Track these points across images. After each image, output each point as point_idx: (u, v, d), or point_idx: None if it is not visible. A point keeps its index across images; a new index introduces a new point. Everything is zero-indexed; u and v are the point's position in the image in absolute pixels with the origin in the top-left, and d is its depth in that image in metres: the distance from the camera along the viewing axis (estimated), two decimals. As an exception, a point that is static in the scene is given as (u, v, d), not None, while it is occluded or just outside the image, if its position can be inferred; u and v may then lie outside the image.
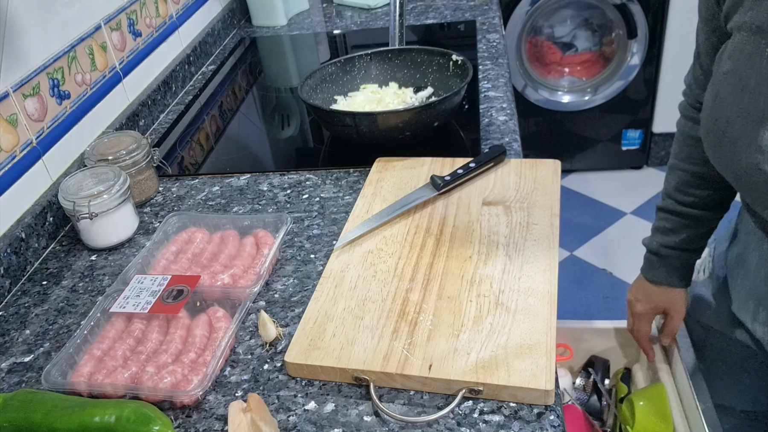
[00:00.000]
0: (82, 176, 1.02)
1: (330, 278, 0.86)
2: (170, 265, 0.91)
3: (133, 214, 1.04)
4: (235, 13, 1.86)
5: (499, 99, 1.27)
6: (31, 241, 1.00)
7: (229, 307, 0.83)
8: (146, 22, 1.40)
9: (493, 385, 0.68)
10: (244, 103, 1.46)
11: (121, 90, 1.29)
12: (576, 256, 2.38)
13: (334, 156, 1.20)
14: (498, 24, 1.63)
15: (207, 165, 1.22)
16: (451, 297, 0.80)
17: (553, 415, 0.67)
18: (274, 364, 0.78)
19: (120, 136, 1.12)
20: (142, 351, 0.78)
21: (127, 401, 0.70)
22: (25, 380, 0.80)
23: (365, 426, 0.69)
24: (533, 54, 2.60)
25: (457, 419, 0.68)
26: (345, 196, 1.05)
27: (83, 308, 0.91)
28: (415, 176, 1.04)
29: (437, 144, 1.15)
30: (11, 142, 1.00)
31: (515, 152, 1.09)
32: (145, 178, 1.10)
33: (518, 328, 0.74)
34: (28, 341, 0.86)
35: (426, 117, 1.09)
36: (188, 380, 0.73)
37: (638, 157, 2.74)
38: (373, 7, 1.86)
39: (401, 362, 0.72)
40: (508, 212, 0.93)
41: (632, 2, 2.37)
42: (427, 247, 0.88)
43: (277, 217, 0.96)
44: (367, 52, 1.30)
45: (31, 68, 1.04)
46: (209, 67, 1.63)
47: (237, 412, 0.68)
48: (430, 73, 1.28)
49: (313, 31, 1.79)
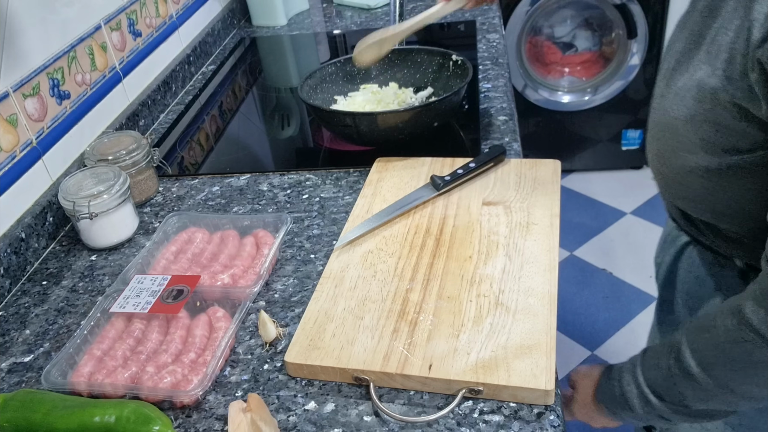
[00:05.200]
0: (82, 176, 1.02)
1: (330, 278, 0.86)
2: (170, 265, 0.91)
3: (133, 214, 1.04)
4: (235, 13, 1.86)
5: (499, 99, 1.27)
6: (31, 241, 1.00)
7: (229, 307, 0.83)
8: (146, 22, 1.40)
9: (493, 385, 0.68)
10: (244, 103, 1.46)
11: (121, 90, 1.29)
12: (576, 256, 2.38)
13: (334, 156, 1.20)
14: (498, 24, 1.63)
15: (207, 165, 1.22)
16: (451, 297, 0.80)
17: (553, 415, 0.67)
18: (274, 364, 0.78)
19: (120, 136, 1.12)
20: (142, 351, 0.78)
21: (127, 401, 0.70)
22: (25, 380, 0.80)
23: (365, 426, 0.69)
24: (533, 54, 2.60)
25: (457, 419, 0.68)
26: (345, 196, 1.05)
27: (83, 308, 0.91)
28: (415, 176, 1.04)
29: (437, 144, 1.15)
30: (11, 142, 1.00)
31: (515, 152, 1.09)
32: (145, 178, 1.10)
33: (518, 328, 0.74)
34: (28, 341, 0.86)
35: (426, 117, 1.09)
36: (188, 380, 0.73)
37: (638, 157, 2.74)
38: (373, 7, 1.86)
39: (401, 362, 0.72)
40: (508, 212, 0.93)
41: (632, 2, 2.37)
42: (427, 247, 0.88)
43: (277, 217, 0.96)
44: None
45: (31, 68, 1.04)
46: (209, 67, 1.63)
47: (237, 412, 0.68)
48: (430, 73, 1.28)
49: (313, 31, 1.79)
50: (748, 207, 0.69)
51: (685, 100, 0.67)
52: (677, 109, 0.68)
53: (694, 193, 0.74)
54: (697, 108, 0.66)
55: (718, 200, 0.71)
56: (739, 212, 0.70)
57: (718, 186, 0.69)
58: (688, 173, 0.71)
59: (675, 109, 0.69)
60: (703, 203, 0.73)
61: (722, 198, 0.70)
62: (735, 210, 0.71)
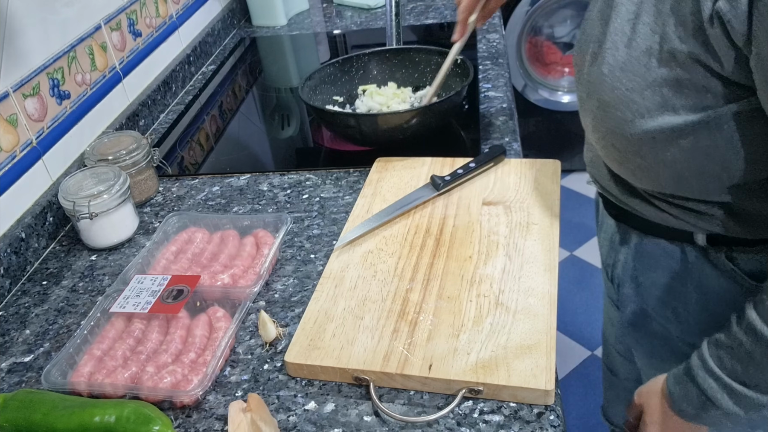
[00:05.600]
0: (82, 176, 1.02)
1: (330, 278, 0.86)
2: (170, 265, 0.91)
3: (133, 214, 1.04)
4: (235, 13, 1.86)
5: (499, 99, 1.27)
6: (31, 241, 1.00)
7: (229, 307, 0.83)
8: (146, 22, 1.40)
9: (493, 385, 0.68)
10: (244, 103, 1.46)
11: (121, 90, 1.29)
12: (576, 256, 2.38)
13: (334, 156, 1.20)
14: (498, 24, 1.63)
15: (207, 165, 1.22)
16: (451, 297, 0.80)
17: (553, 415, 0.67)
18: (274, 364, 0.78)
19: (120, 136, 1.12)
20: (142, 351, 0.78)
21: (127, 401, 0.70)
22: (25, 380, 0.80)
23: (365, 426, 0.69)
24: (533, 54, 2.60)
25: (457, 419, 0.68)
26: (345, 196, 1.05)
27: (83, 308, 0.91)
28: (415, 176, 1.04)
29: (437, 144, 1.15)
30: (11, 142, 1.00)
31: (515, 152, 1.09)
32: (145, 178, 1.10)
33: (518, 328, 0.74)
34: (28, 341, 0.86)
35: (429, 118, 1.10)
36: (188, 380, 0.73)
37: (638, 157, 2.74)
38: (373, 7, 1.86)
39: (401, 362, 0.72)
40: (508, 212, 0.93)
41: (632, 2, 2.36)
42: (427, 247, 0.88)
43: (277, 217, 0.96)
44: (365, 52, 1.31)
45: (31, 68, 1.04)
46: (209, 67, 1.63)
47: (237, 412, 0.68)
48: (428, 72, 1.28)
49: (313, 31, 1.79)
50: (711, 168, 0.68)
51: (637, 69, 0.67)
52: (628, 82, 0.68)
53: (656, 162, 0.71)
54: (653, 74, 0.66)
55: (682, 164, 0.69)
56: (704, 174, 0.69)
57: (683, 147, 0.68)
58: (651, 140, 0.69)
59: (626, 83, 0.68)
60: (667, 170, 0.71)
61: (686, 160, 0.69)
62: (699, 172, 0.69)
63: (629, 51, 0.68)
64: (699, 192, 0.71)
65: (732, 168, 0.67)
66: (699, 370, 0.70)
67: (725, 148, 0.66)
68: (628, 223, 0.85)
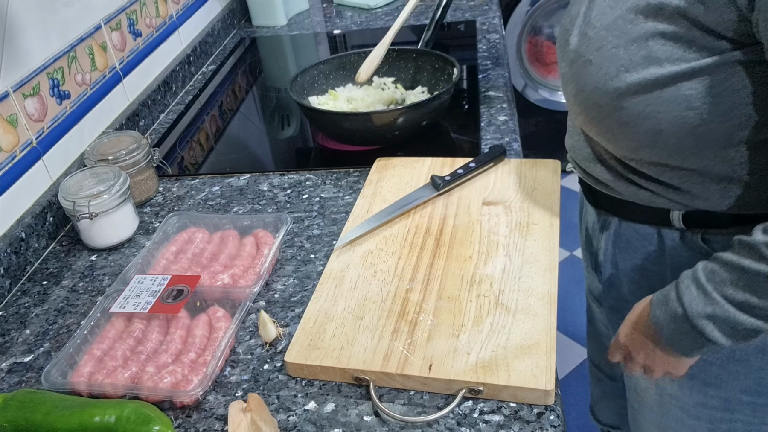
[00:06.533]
0: (82, 176, 1.02)
1: (330, 278, 0.86)
2: (170, 265, 0.91)
3: (133, 214, 1.04)
4: (235, 13, 1.86)
5: (499, 99, 1.27)
6: (31, 241, 1.00)
7: (229, 307, 0.83)
8: (146, 22, 1.40)
9: (493, 385, 0.68)
10: (244, 103, 1.46)
11: (121, 90, 1.29)
12: (576, 256, 2.38)
13: (334, 156, 1.20)
14: (498, 24, 1.63)
15: (207, 165, 1.22)
16: (451, 297, 0.80)
17: (553, 415, 0.67)
18: (274, 364, 0.78)
19: (120, 136, 1.12)
20: (142, 351, 0.78)
21: (127, 401, 0.70)
22: (25, 380, 0.80)
23: (365, 426, 0.69)
24: (533, 54, 2.60)
25: (457, 419, 0.68)
26: (345, 196, 1.05)
27: (83, 308, 0.91)
28: (415, 176, 1.04)
29: (437, 144, 1.15)
30: (11, 142, 1.00)
31: (515, 152, 1.09)
32: (145, 178, 1.10)
33: (518, 328, 0.74)
34: (28, 341, 0.86)
35: (416, 116, 1.11)
36: (188, 380, 0.73)
37: (638, 157, 2.74)
38: (373, 7, 1.86)
39: (401, 362, 0.72)
40: (508, 212, 0.93)
41: (632, 2, 2.37)
42: (427, 247, 0.88)
43: (277, 217, 0.96)
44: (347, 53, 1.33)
45: (31, 68, 1.04)
46: (209, 67, 1.63)
47: (237, 412, 0.68)
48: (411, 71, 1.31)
49: (313, 31, 1.79)
50: (688, 119, 0.68)
51: (623, 26, 0.69)
52: (614, 39, 0.69)
53: (636, 115, 0.71)
54: (638, 29, 0.67)
55: (662, 114, 0.69)
56: (682, 127, 0.68)
57: (663, 99, 0.68)
58: (633, 94, 0.69)
59: (612, 40, 0.70)
60: (646, 123, 0.71)
61: (665, 111, 0.68)
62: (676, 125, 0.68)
63: (614, 11, 0.70)
64: (675, 151, 0.71)
65: (708, 122, 0.67)
66: (683, 280, 0.70)
67: (703, 99, 0.67)
68: (607, 209, 0.86)
